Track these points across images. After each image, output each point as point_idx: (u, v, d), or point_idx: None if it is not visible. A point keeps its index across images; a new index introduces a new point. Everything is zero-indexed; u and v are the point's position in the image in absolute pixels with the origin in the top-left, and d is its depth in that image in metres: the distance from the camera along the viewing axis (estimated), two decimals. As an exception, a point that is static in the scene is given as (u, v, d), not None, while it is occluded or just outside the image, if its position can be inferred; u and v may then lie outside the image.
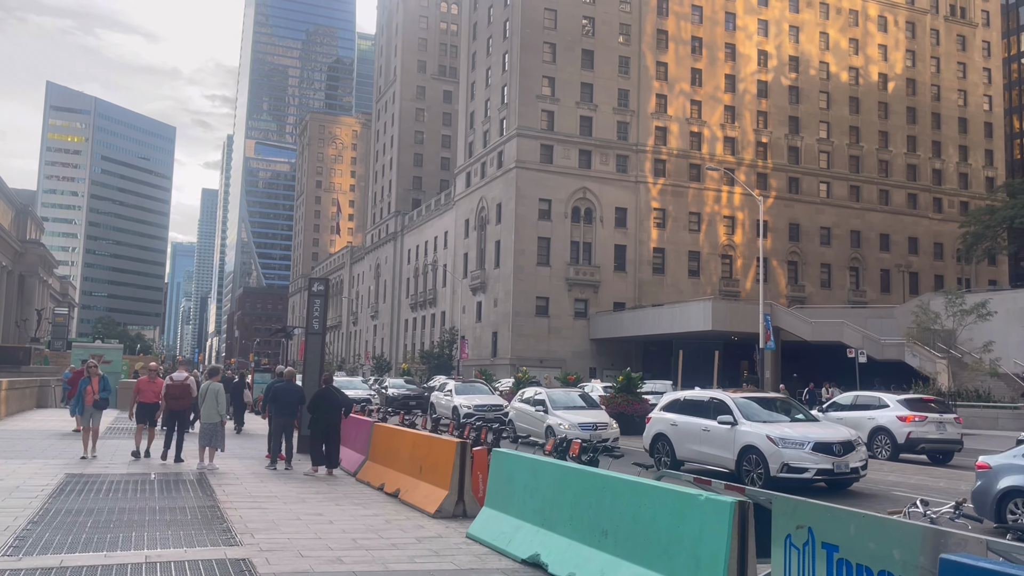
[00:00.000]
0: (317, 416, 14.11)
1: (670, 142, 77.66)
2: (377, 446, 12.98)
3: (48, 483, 11.48)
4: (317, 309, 17.84)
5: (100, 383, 15.79)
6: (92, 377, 15.80)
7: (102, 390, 15.75)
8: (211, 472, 13.52)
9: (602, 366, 71.17)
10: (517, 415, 23.19)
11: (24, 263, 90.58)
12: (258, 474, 13.61)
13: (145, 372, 17.82)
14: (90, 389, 15.57)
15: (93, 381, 15.74)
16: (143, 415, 15.69)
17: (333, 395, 14.37)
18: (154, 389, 15.72)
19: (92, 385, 15.64)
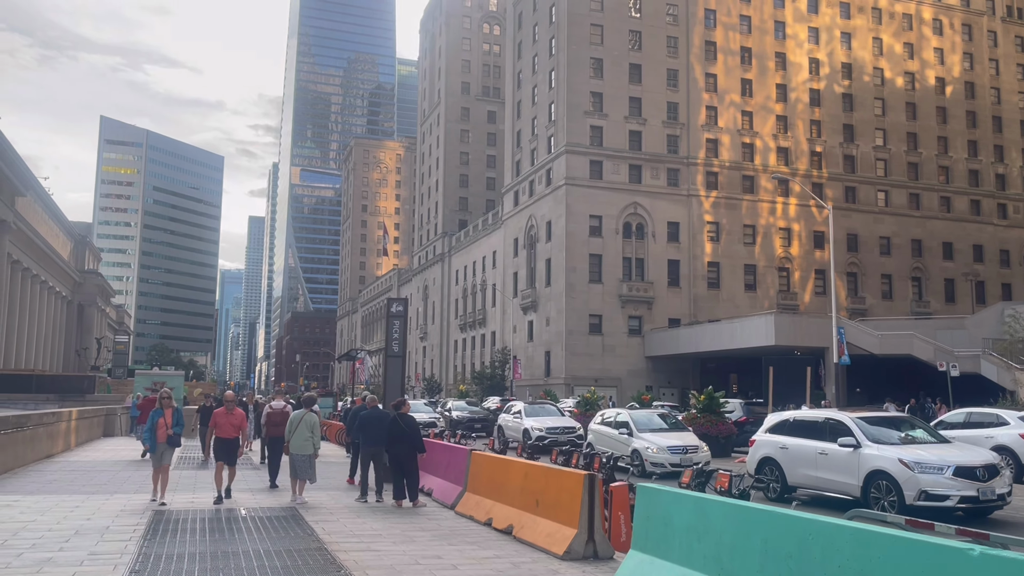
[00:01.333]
0: (390, 446, 13.20)
1: (722, 154, 76.21)
2: (478, 476, 12.10)
3: (137, 522, 10.81)
4: (396, 330, 17.11)
5: (173, 416, 13.42)
6: (165, 409, 13.42)
7: (175, 424, 13.38)
8: (303, 507, 12.77)
9: (658, 384, 69.67)
10: (597, 438, 22.14)
11: (83, 292, 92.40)
12: (351, 508, 12.81)
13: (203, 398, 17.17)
14: (163, 422, 13.14)
15: (167, 413, 13.34)
16: (222, 452, 13.59)
17: (399, 425, 13.43)
18: (233, 422, 13.65)
19: (165, 418, 13.24)
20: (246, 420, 13.86)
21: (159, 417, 13.10)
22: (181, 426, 13.42)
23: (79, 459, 21.11)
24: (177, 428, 13.27)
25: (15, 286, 64.58)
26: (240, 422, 13.64)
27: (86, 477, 16.49)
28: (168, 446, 13.17)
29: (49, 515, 11.20)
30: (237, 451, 13.67)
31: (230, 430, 13.60)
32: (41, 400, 39.55)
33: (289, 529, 10.45)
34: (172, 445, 13.29)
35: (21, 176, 60.20)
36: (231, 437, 13.55)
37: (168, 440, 13.13)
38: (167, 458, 13.25)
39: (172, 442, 13.25)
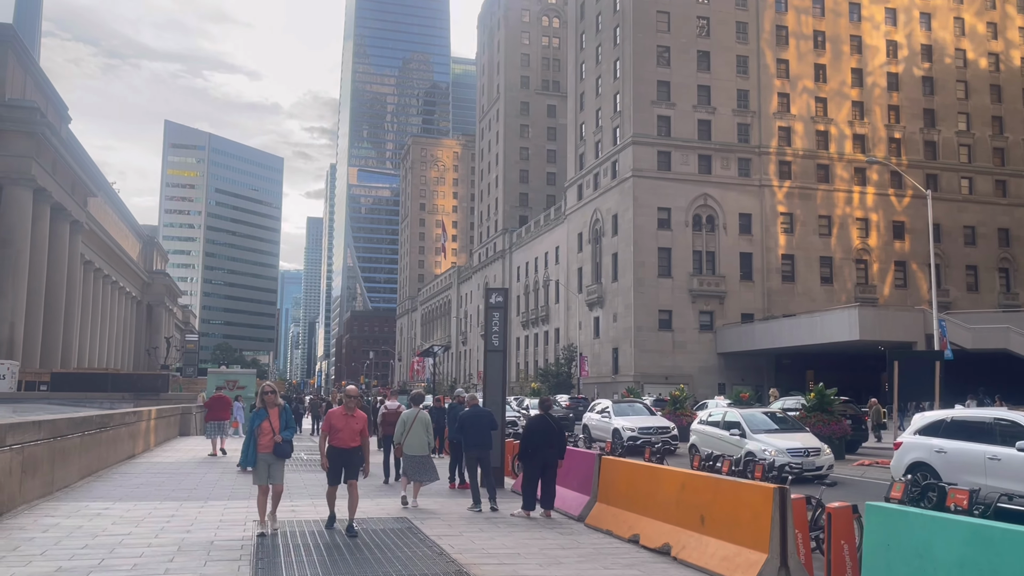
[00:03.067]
0: (534, 450, 11.87)
1: (795, 142, 73.37)
2: (613, 485, 10.67)
3: (242, 535, 9.67)
4: (496, 323, 15.78)
5: (281, 417, 10.12)
6: (270, 409, 10.09)
7: (284, 427, 10.07)
8: (417, 516, 11.52)
9: (731, 381, 67.27)
10: (702, 439, 20.51)
11: (151, 293, 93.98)
12: (466, 518, 11.52)
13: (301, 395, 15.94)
14: (267, 427, 9.94)
15: (271, 415, 10.03)
16: (341, 465, 10.14)
17: (550, 425, 12.15)
18: (354, 427, 10.23)
19: (271, 421, 10.00)
20: (367, 425, 10.53)
21: (262, 420, 9.95)
22: (293, 429, 10.19)
23: (161, 460, 20.36)
24: (287, 432, 10.06)
25: (88, 286, 65.57)
26: (363, 426, 10.31)
27: (173, 481, 15.56)
28: (276, 457, 9.99)
29: (144, 526, 10.16)
30: (360, 465, 10.33)
31: (351, 437, 10.19)
32: (117, 399, 39.57)
33: (414, 546, 9.17)
34: (281, 456, 10.01)
35: (93, 177, 61.05)
36: (351, 447, 10.17)
37: (276, 449, 9.92)
38: (277, 475, 10.05)
39: (281, 452, 9.99)
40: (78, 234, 58.94)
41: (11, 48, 46.82)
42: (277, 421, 10.03)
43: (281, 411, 10.11)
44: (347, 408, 10.31)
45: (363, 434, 10.33)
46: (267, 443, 9.93)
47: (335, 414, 10.37)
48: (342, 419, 10.25)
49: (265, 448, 9.90)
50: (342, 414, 10.30)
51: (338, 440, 10.16)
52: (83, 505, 11.89)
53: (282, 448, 10.01)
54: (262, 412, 10.11)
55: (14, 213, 46.21)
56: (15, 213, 46.25)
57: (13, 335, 45.59)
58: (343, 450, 10.15)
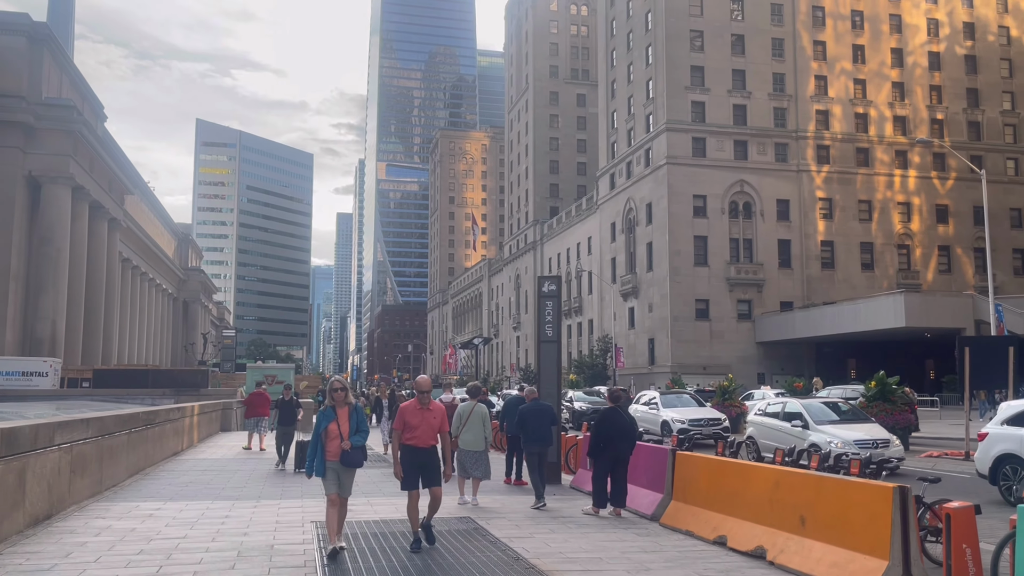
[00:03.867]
0: (605, 444, 11.33)
1: (833, 126, 71.75)
2: (691, 482, 9.99)
3: (302, 538, 9.16)
4: (550, 312, 15.14)
5: (351, 419, 8.39)
6: (338, 408, 8.43)
7: (354, 431, 8.34)
8: (478, 514, 10.95)
9: (770, 371, 66.08)
10: (760, 431, 19.72)
11: (187, 290, 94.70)
12: (531, 516, 10.92)
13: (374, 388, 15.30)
14: (335, 430, 8.26)
15: (340, 416, 8.37)
16: (418, 468, 8.67)
17: (622, 418, 11.58)
18: (432, 423, 8.80)
19: (339, 424, 8.31)
20: (447, 420, 9.05)
21: (329, 422, 8.32)
22: (365, 433, 8.44)
23: (206, 457, 20.04)
24: (359, 438, 8.34)
25: (125, 283, 66.08)
26: (441, 421, 8.86)
27: (222, 479, 15.16)
28: (344, 467, 8.30)
29: (199, 528, 9.69)
30: (440, 468, 8.90)
31: (428, 434, 8.74)
32: (157, 395, 39.66)
33: (485, 549, 8.59)
34: (349, 465, 8.32)
35: (129, 175, 61.39)
36: (429, 446, 8.77)
37: (343, 458, 8.24)
38: (346, 485, 8.40)
39: (351, 460, 8.28)
40: (116, 232, 59.30)
41: (47, 47, 47.04)
42: (347, 424, 8.34)
43: (352, 411, 8.41)
44: (421, 401, 8.77)
45: (442, 430, 8.87)
46: (334, 449, 8.25)
47: (408, 409, 8.84)
48: (417, 414, 8.75)
49: (332, 455, 8.25)
50: (416, 408, 8.78)
51: (413, 438, 8.67)
52: (134, 505, 11.49)
53: (351, 457, 8.25)
54: (329, 412, 8.41)
55: (53, 211, 46.48)
56: (54, 211, 46.52)
57: (55, 332, 45.92)
58: (420, 450, 8.68)
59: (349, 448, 8.27)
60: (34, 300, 45.85)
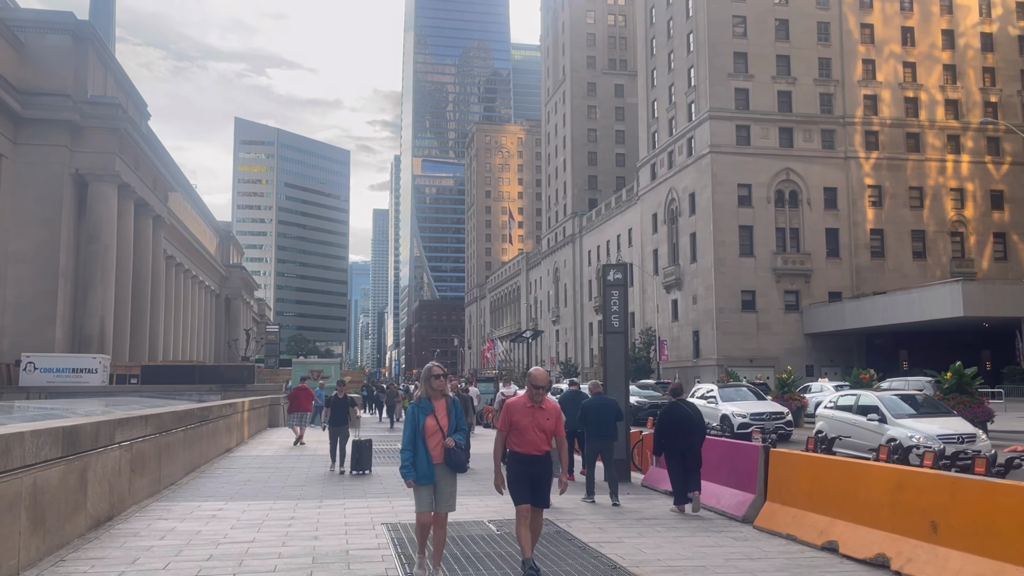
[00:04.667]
0: (669, 440, 10.90)
1: (882, 111, 69.75)
2: (789, 482, 9.25)
3: (377, 542, 8.60)
4: (616, 302, 14.45)
5: (450, 413, 7.03)
6: (435, 401, 7.05)
7: (454, 428, 7.02)
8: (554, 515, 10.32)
9: (819, 363, 64.60)
10: (831, 425, 18.82)
11: (229, 286, 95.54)
12: (612, 518, 10.26)
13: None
14: (434, 425, 6.92)
15: (438, 409, 7.00)
16: (527, 481, 7.10)
17: (687, 412, 11.08)
18: (545, 425, 7.17)
19: (437, 418, 6.96)
20: (562, 419, 7.39)
21: (426, 416, 6.92)
22: (465, 430, 7.13)
23: (259, 454, 19.71)
24: (460, 435, 7.01)
25: (170, 280, 66.68)
26: (556, 423, 7.25)
27: (279, 477, 14.73)
28: (448, 471, 6.93)
29: (266, 531, 9.19)
30: (550, 484, 7.26)
31: (540, 438, 7.14)
32: (204, 391, 39.71)
33: (575, 556, 7.95)
34: (455, 468, 6.96)
35: (172, 173, 61.81)
36: (540, 453, 7.12)
37: (448, 458, 6.89)
38: (446, 496, 6.89)
39: (455, 462, 6.93)
40: (160, 229, 59.76)
41: (91, 45, 47.38)
42: (446, 418, 6.94)
43: (450, 405, 7.01)
44: (532, 398, 7.18)
45: (558, 434, 7.26)
46: (435, 449, 6.85)
47: (516, 407, 7.25)
48: (527, 414, 7.13)
49: (434, 457, 6.87)
50: (525, 406, 7.17)
51: (522, 443, 7.08)
52: (195, 506, 11.07)
53: (455, 457, 6.88)
54: (425, 405, 6.97)
55: (100, 209, 46.84)
56: (101, 209, 46.88)
57: (103, 329, 46.31)
58: (531, 458, 7.06)
59: (453, 446, 6.86)
60: (83, 297, 46.29)
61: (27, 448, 7.07)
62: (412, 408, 7.04)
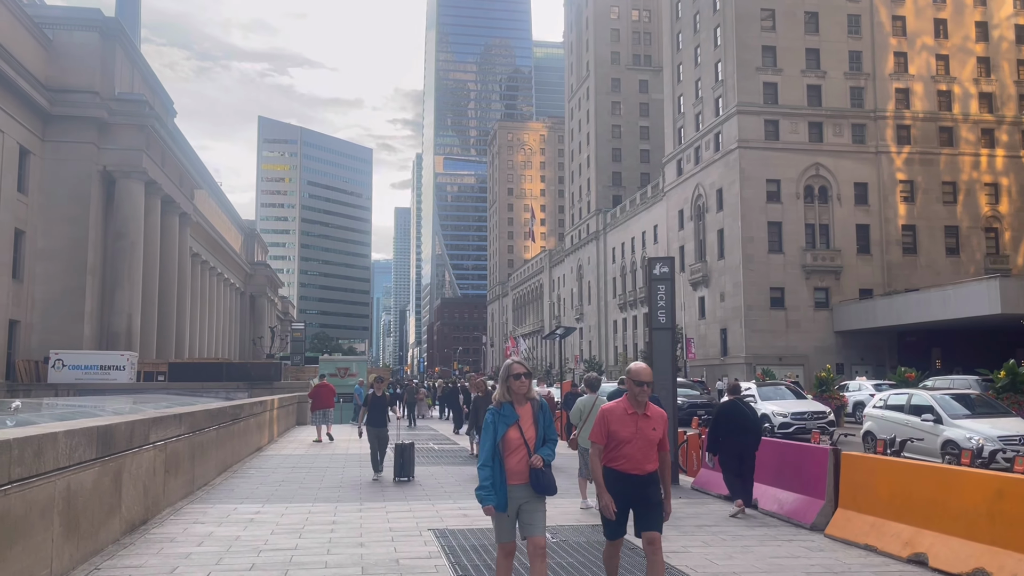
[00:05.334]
0: (724, 439, 10.42)
1: (914, 105, 68.38)
2: (866, 487, 8.63)
3: (427, 550, 8.10)
4: (663, 296, 13.87)
5: (538, 423, 5.70)
6: (519, 405, 5.69)
7: (541, 442, 5.67)
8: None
9: (849, 361, 63.45)
10: (881, 425, 18.11)
11: (254, 284, 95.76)
12: (673, 525, 9.64)
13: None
14: (516, 438, 5.59)
15: (523, 416, 5.66)
16: (628, 503, 5.90)
17: (743, 411, 10.58)
18: (649, 436, 5.87)
19: (521, 428, 5.62)
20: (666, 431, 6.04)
21: (508, 426, 5.55)
22: (554, 440, 5.73)
23: (290, 452, 19.32)
24: (547, 449, 5.64)
25: (195, 277, 66.78)
26: (663, 434, 5.92)
27: (314, 477, 14.29)
28: (532, 493, 5.52)
29: (309, 537, 8.72)
30: (661, 502, 5.88)
31: (645, 454, 5.83)
32: (231, 388, 39.55)
33: (639, 568, 7.40)
34: (544, 490, 5.51)
35: (198, 170, 61.88)
36: (644, 472, 5.82)
37: (533, 479, 5.48)
38: (534, 520, 5.52)
39: (541, 484, 5.50)
40: (187, 226, 59.81)
41: (118, 42, 47.39)
42: (532, 428, 5.56)
43: (537, 412, 5.63)
44: (634, 402, 5.80)
45: (663, 447, 5.89)
46: (517, 466, 5.47)
47: (614, 414, 5.84)
48: (628, 422, 5.76)
49: (516, 476, 5.46)
50: (627, 413, 5.80)
51: (624, 459, 5.74)
52: (231, 508, 10.64)
53: (543, 479, 5.45)
54: (507, 411, 5.55)
55: (127, 206, 46.84)
56: (128, 206, 46.88)
57: (131, 326, 46.32)
58: (633, 479, 5.74)
59: (540, 465, 5.46)
60: (110, 294, 46.32)
61: (60, 449, 6.64)
62: (491, 416, 5.62)
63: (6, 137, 40.27)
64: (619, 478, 5.82)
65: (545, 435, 5.66)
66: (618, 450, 5.83)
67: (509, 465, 5.51)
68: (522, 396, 5.64)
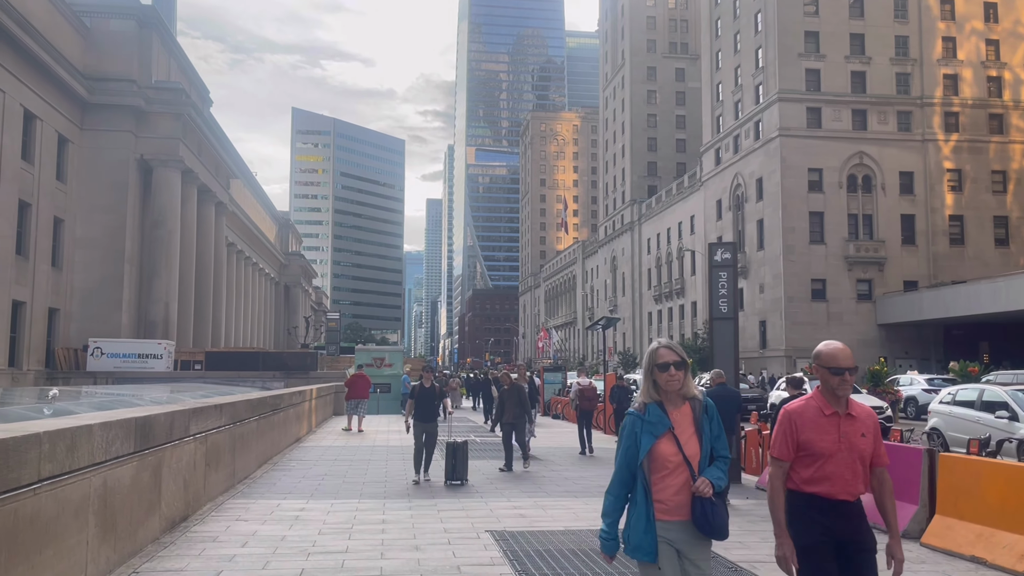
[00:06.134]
0: None
1: (963, 91, 66.29)
2: (965, 492, 7.82)
3: (488, 556, 7.45)
4: (724, 284, 13.07)
5: (703, 427, 3.92)
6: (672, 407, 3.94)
7: (707, 458, 3.89)
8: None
9: (893, 355, 61.79)
10: (948, 422, 17.15)
11: (288, 274, 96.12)
12: (748, 529, 8.95)
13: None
14: (669, 453, 3.84)
15: (678, 423, 3.90)
16: (831, 542, 3.91)
17: None
18: (859, 446, 4.00)
19: (676, 438, 3.85)
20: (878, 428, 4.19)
21: (657, 437, 3.85)
22: (726, 459, 3.95)
23: (330, 444, 18.84)
24: (718, 472, 3.87)
25: (231, 267, 66.99)
26: (873, 439, 4.06)
27: (357, 471, 13.74)
28: (697, 534, 3.79)
29: (359, 539, 8.12)
30: (874, 547, 3.96)
31: (852, 473, 3.98)
32: (268, 378, 39.41)
33: None
34: (712, 531, 3.77)
35: (234, 160, 61.94)
36: (852, 498, 3.97)
37: (700, 516, 3.75)
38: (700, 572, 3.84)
39: (711, 523, 3.75)
40: (223, 216, 59.90)
41: (155, 30, 47.40)
42: (694, 440, 3.89)
43: (699, 416, 3.94)
44: (832, 398, 4.05)
45: (879, 461, 4.05)
46: (674, 495, 3.82)
47: (804, 416, 4.07)
48: (827, 427, 4.02)
49: (671, 508, 3.81)
50: (823, 415, 4.05)
51: (826, 481, 3.97)
52: (274, 504, 10.10)
53: (712, 513, 3.77)
54: (655, 415, 3.91)
55: (164, 195, 46.89)
56: (165, 195, 46.93)
57: (168, 315, 46.42)
58: (843, 506, 3.95)
59: (709, 493, 3.75)
60: (147, 283, 46.44)
61: (96, 443, 6.09)
62: (631, 423, 3.93)
63: (45, 126, 40.39)
64: (821, 508, 3.93)
65: (713, 450, 3.92)
66: (816, 467, 3.97)
67: (661, 493, 3.80)
68: (676, 394, 3.92)
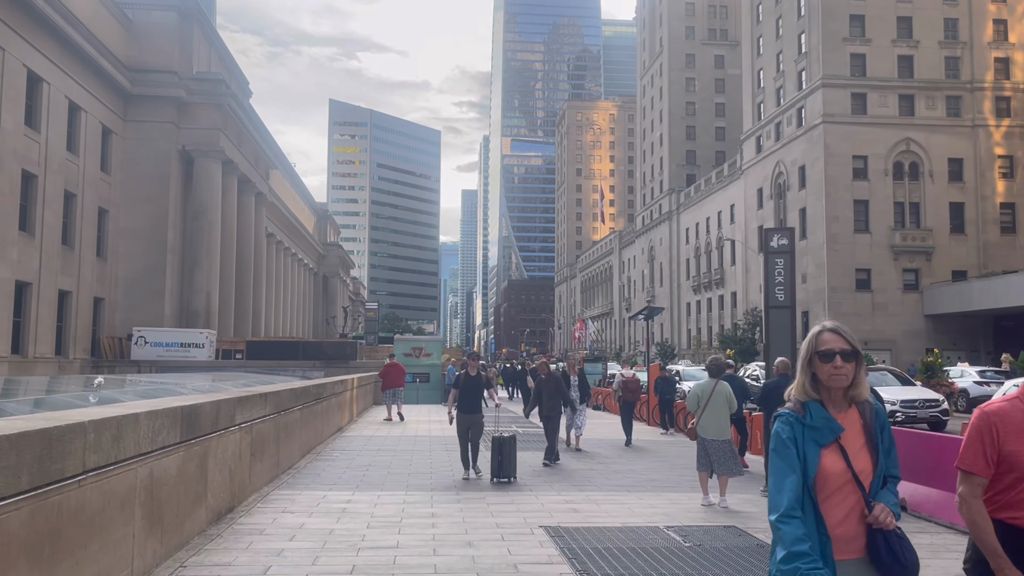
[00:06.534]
0: None
1: (1015, 75, 64.21)
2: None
3: (545, 553, 7.12)
4: (781, 271, 12.55)
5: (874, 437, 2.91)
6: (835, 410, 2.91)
7: (880, 477, 2.90)
8: (743, 522, 8.63)
9: (940, 346, 60.12)
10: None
11: (326, 265, 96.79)
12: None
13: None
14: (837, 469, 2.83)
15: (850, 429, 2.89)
16: None
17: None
18: None
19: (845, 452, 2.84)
20: None
21: (823, 447, 2.84)
22: (897, 477, 3.01)
23: (372, 434, 18.69)
24: (889, 497, 2.90)
25: (271, 257, 67.53)
26: None
27: (401, 461, 13.51)
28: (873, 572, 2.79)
29: (408, 532, 7.86)
30: None
31: None
32: (308, 367, 39.57)
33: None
34: (891, 571, 2.77)
35: (273, 151, 62.32)
36: None
37: (879, 550, 2.78)
38: None
39: (896, 562, 2.76)
40: (262, 206, 60.31)
41: (196, 22, 47.70)
42: (865, 453, 2.89)
43: (872, 422, 2.94)
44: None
45: None
46: (841, 526, 2.81)
47: (1011, 422, 3.06)
48: None
49: (841, 543, 2.80)
50: None
51: None
52: (320, 496, 9.89)
53: (897, 550, 2.78)
54: (818, 418, 2.88)
55: (205, 185, 47.27)
56: (206, 185, 47.30)
57: (209, 305, 46.85)
58: None
59: (893, 525, 2.81)
60: (189, 273, 46.92)
61: (142, 433, 5.88)
62: (787, 427, 2.92)
63: (89, 117, 40.86)
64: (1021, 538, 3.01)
65: (886, 467, 2.95)
66: (1022, 488, 3.03)
67: (832, 519, 2.82)
68: (841, 394, 2.94)
